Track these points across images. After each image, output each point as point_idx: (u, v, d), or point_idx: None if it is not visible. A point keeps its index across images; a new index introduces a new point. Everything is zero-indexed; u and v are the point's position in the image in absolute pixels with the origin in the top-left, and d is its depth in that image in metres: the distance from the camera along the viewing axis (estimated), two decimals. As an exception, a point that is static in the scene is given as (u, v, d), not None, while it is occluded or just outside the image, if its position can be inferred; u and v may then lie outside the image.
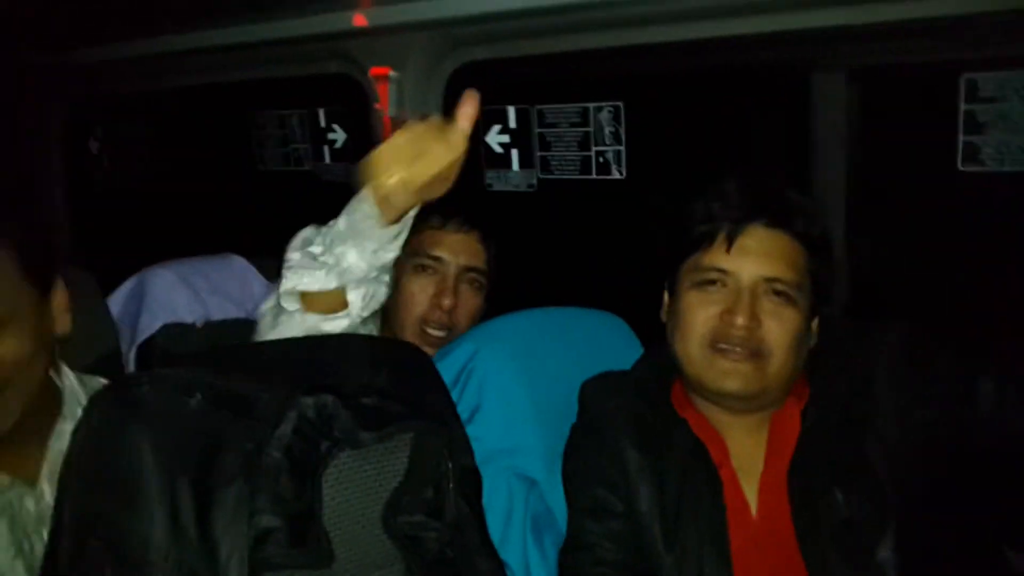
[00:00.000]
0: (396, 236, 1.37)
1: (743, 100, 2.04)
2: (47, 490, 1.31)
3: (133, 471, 1.02)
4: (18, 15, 2.43)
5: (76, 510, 1.03)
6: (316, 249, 1.37)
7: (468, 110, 1.35)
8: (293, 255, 1.39)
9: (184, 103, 3.13)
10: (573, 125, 2.18)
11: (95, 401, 1.08)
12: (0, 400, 1.21)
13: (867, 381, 1.40)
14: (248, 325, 2.10)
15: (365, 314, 1.40)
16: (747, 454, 1.46)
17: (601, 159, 2.15)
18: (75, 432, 1.09)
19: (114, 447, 1.04)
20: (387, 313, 1.85)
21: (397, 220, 1.36)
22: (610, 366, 1.64)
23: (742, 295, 1.40)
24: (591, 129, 2.15)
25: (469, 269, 1.80)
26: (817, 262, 1.46)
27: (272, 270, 2.15)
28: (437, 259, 1.78)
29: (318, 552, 1.11)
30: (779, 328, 1.39)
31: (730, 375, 1.40)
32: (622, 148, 2.10)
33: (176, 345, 1.90)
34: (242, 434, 1.10)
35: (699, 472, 1.44)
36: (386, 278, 1.41)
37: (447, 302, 1.76)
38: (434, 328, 1.77)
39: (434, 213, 1.76)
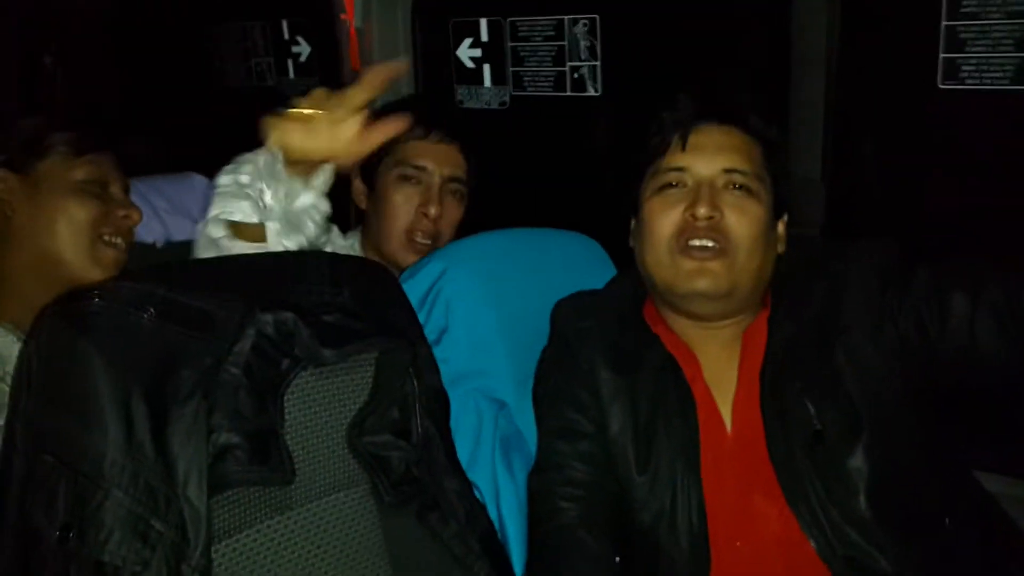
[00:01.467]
0: (309, 187, 1.35)
1: (722, 16, 1.99)
2: None
3: (85, 386, 0.98)
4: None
5: (28, 427, 1.00)
6: (244, 178, 1.34)
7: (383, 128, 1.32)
8: (224, 179, 1.35)
9: (141, 15, 3.01)
10: (547, 39, 2.11)
11: (44, 315, 1.03)
12: None
13: (840, 296, 1.40)
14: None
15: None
16: (720, 369, 1.46)
17: (576, 75, 2.09)
18: (24, 347, 1.05)
19: (64, 362, 1.00)
20: (369, 225, 1.88)
21: (307, 174, 1.34)
22: (583, 287, 1.62)
23: (702, 187, 1.40)
24: (566, 44, 2.09)
25: (452, 179, 1.82)
26: (774, 162, 1.46)
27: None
28: (421, 168, 1.80)
29: (280, 468, 1.09)
30: (743, 219, 1.38)
31: (699, 274, 1.39)
32: (598, 64, 2.05)
33: (136, 265, 1.85)
34: (199, 350, 1.07)
35: (671, 389, 1.43)
36: (311, 225, 1.37)
37: (433, 210, 1.78)
38: (421, 237, 1.79)
39: (417, 124, 1.76)
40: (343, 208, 1.77)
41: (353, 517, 1.24)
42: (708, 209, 1.37)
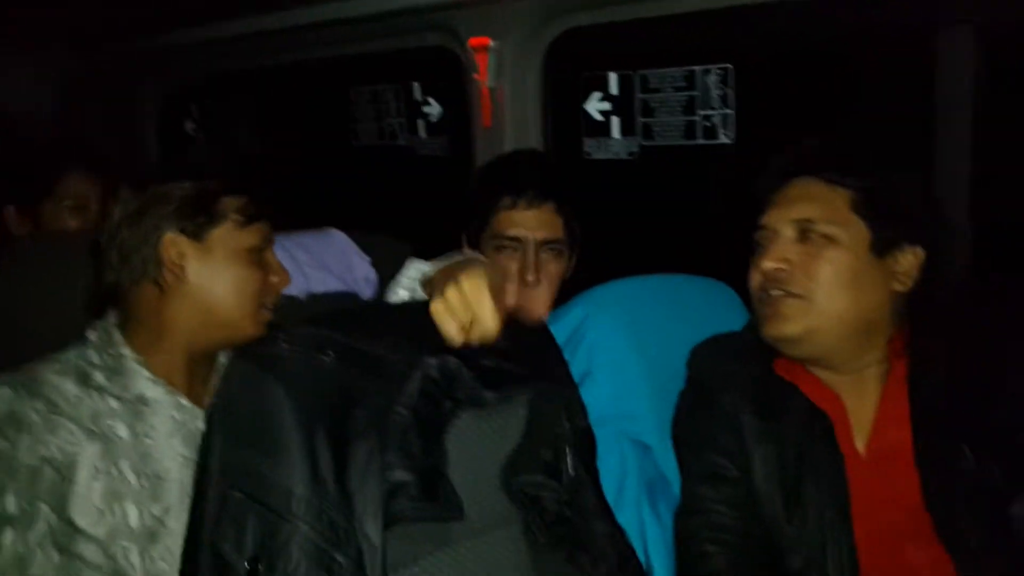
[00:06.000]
0: None
1: (863, 60, 1.96)
2: None
3: (275, 425, 1.05)
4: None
5: (221, 462, 1.07)
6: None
7: None
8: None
9: (279, 80, 3.18)
10: (678, 90, 2.13)
11: (236, 358, 1.11)
12: None
13: (993, 337, 1.37)
14: (349, 298, 2.14)
15: None
16: (864, 415, 1.44)
17: (707, 123, 2.10)
18: (218, 388, 1.12)
19: (255, 402, 1.07)
20: None
21: None
22: (719, 331, 1.62)
23: (772, 240, 1.45)
24: (697, 93, 2.10)
25: (548, 242, 1.82)
26: (868, 205, 1.43)
27: (370, 245, 2.19)
28: (514, 239, 1.81)
29: (448, 505, 1.13)
30: (818, 267, 1.40)
31: (773, 319, 1.43)
32: (731, 112, 2.05)
33: (280, 316, 1.94)
34: (372, 391, 1.13)
35: (818, 436, 1.42)
36: None
37: (530, 278, 1.79)
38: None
39: (504, 193, 1.80)
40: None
41: (507, 555, 1.27)
42: (771, 262, 1.43)
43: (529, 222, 1.80)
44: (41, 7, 2.66)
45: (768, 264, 1.43)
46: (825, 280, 1.40)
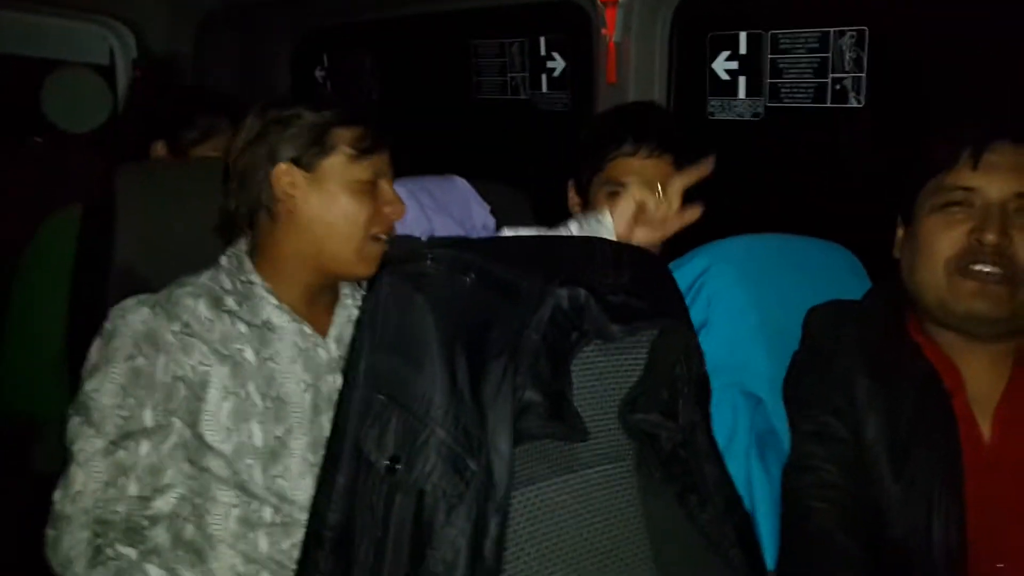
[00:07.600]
0: None
1: (998, 31, 1.86)
2: (333, 346, 1.55)
3: (419, 337, 1.12)
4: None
5: (367, 365, 1.15)
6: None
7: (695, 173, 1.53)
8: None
9: (405, 31, 3.25)
10: (810, 51, 2.08)
11: (385, 273, 1.18)
12: None
13: None
14: (468, 243, 2.21)
15: None
16: (985, 386, 1.42)
17: (838, 86, 2.05)
18: (366, 299, 1.20)
19: (401, 313, 1.14)
20: None
21: None
22: (840, 296, 1.61)
23: (991, 211, 1.35)
24: (829, 55, 2.06)
25: None
26: None
27: (489, 192, 2.25)
28: (622, 185, 1.78)
29: (574, 426, 1.19)
30: None
31: (979, 296, 1.36)
32: (863, 75, 2.01)
33: (402, 256, 2.01)
34: (507, 315, 1.18)
35: (932, 401, 1.40)
36: None
37: None
38: None
39: (625, 140, 1.79)
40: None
41: (619, 488, 1.32)
42: (997, 236, 1.34)
43: (646, 171, 1.77)
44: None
45: (992, 237, 1.34)
46: None
